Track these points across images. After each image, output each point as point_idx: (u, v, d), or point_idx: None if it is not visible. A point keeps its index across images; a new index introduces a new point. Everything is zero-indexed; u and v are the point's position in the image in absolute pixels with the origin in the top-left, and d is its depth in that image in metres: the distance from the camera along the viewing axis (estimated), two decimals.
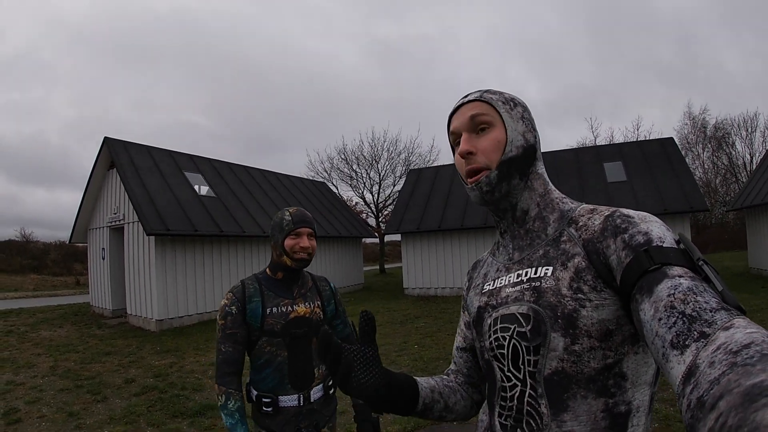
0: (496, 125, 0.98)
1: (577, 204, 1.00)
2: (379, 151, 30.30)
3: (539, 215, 1.00)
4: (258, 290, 2.07)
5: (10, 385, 6.60)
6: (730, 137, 34.82)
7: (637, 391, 0.86)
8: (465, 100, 1.02)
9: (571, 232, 0.94)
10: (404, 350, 7.86)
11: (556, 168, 16.07)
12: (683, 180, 14.16)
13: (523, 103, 1.04)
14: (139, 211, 11.00)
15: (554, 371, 0.87)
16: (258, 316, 2.02)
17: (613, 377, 0.85)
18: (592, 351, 0.84)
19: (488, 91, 1.02)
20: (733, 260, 21.20)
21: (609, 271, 0.84)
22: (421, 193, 17.83)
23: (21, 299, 18.98)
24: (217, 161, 16.28)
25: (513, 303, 0.95)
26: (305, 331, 2.08)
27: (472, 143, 0.99)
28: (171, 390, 6.15)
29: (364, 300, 15.48)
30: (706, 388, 0.50)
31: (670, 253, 0.74)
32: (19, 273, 27.39)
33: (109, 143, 12.57)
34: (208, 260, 12.49)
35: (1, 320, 12.23)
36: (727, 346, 0.53)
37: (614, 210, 0.90)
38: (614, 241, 0.84)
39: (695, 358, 0.57)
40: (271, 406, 2.01)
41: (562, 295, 0.87)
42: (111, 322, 12.24)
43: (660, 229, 0.81)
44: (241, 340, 2.00)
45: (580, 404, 0.85)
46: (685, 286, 0.67)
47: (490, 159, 0.97)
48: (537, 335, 0.89)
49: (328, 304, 2.22)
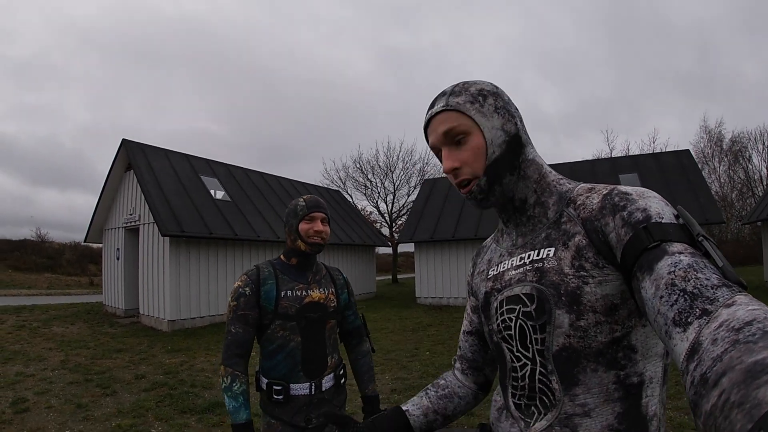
0: (471, 132, 0.95)
1: (575, 184, 0.99)
2: (395, 161, 30.40)
3: (538, 201, 0.99)
4: (273, 273, 2.05)
5: (19, 376, 6.64)
6: (746, 151, 34.36)
7: (649, 363, 0.86)
8: (433, 111, 0.98)
9: (570, 212, 0.93)
10: (416, 356, 7.80)
11: (573, 178, 15.76)
12: (699, 192, 14.00)
13: (494, 89, 0.99)
14: (154, 213, 11.09)
15: (562, 347, 0.87)
16: (272, 298, 1.99)
17: (623, 350, 0.85)
18: (598, 326, 0.84)
19: (453, 92, 0.97)
20: (748, 275, 20.83)
21: (609, 249, 0.83)
22: (435, 203, 17.78)
23: (34, 296, 19.17)
24: (233, 166, 16.41)
25: (516, 284, 0.95)
26: (320, 315, 2.05)
27: (453, 158, 0.96)
28: (181, 387, 6.14)
29: (376, 308, 15.42)
30: (709, 365, 0.50)
31: (670, 229, 0.74)
32: (33, 272, 27.72)
33: (127, 145, 12.72)
34: (221, 263, 12.53)
35: (14, 315, 12.34)
36: (729, 323, 0.53)
37: (612, 188, 0.89)
38: (613, 219, 0.83)
39: (698, 335, 0.57)
40: (282, 394, 1.97)
41: (564, 274, 0.87)
42: (123, 321, 12.31)
43: (659, 205, 0.80)
44: (252, 323, 1.97)
45: (591, 377, 0.85)
46: (686, 263, 0.67)
47: (475, 168, 0.95)
48: (542, 314, 0.89)
49: (341, 292, 2.21)
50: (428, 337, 9.65)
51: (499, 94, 0.99)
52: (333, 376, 2.09)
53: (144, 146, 13.25)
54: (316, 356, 2.03)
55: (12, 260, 28.24)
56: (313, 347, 2.03)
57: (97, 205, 13.95)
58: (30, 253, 29.60)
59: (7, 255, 28.61)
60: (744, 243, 32.48)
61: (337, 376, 2.12)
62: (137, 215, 12.49)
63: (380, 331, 10.52)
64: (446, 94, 0.98)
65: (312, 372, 2.01)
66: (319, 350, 2.04)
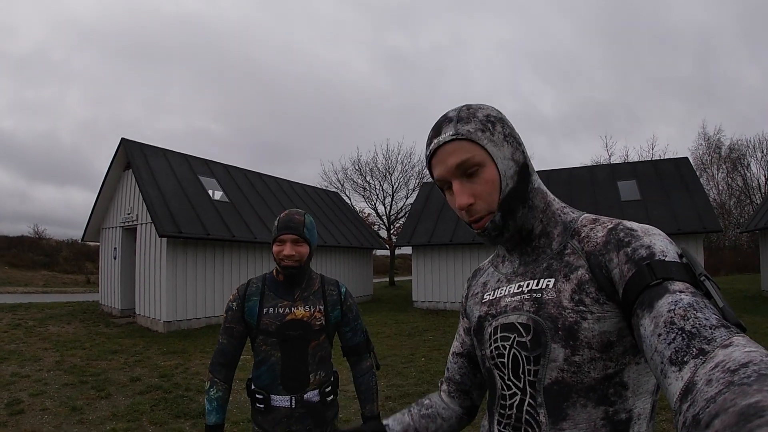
0: (485, 164, 0.90)
1: (579, 213, 0.99)
2: (393, 164, 30.37)
3: (543, 231, 0.98)
4: (259, 289, 2.12)
5: (14, 377, 6.63)
6: (745, 158, 34.49)
7: (638, 400, 0.85)
8: (441, 140, 0.91)
9: (574, 244, 0.92)
10: (411, 362, 7.80)
11: (570, 185, 16.02)
12: (697, 200, 14.03)
13: (499, 115, 0.95)
14: (152, 213, 11.08)
15: (554, 381, 0.87)
16: (254, 314, 2.07)
17: (614, 386, 0.84)
18: (592, 362, 0.84)
19: (460, 119, 0.91)
20: (745, 283, 20.89)
21: (611, 285, 0.83)
22: (433, 206, 17.77)
23: (31, 294, 19.15)
24: (232, 167, 16.39)
25: (512, 312, 0.95)
26: (300, 333, 2.06)
27: (467, 193, 0.91)
28: (175, 390, 6.13)
29: (373, 311, 15.41)
30: (702, 406, 0.50)
31: (672, 268, 0.73)
32: (30, 269, 27.70)
33: (126, 145, 12.71)
34: (218, 264, 12.52)
35: (10, 314, 12.31)
36: (725, 364, 0.53)
37: (617, 222, 0.89)
38: (617, 255, 0.82)
39: (693, 375, 0.57)
40: (263, 403, 2.06)
41: (563, 307, 0.86)
42: (119, 321, 12.28)
43: (663, 243, 0.80)
44: (237, 335, 2.10)
45: (580, 412, 0.85)
46: (686, 302, 0.66)
47: (489, 203, 0.91)
48: (537, 346, 0.88)
49: (332, 309, 2.16)
50: (424, 342, 9.66)
51: (505, 120, 0.95)
52: (318, 393, 2.10)
53: (143, 146, 13.23)
54: (297, 372, 2.06)
55: (9, 257, 28.23)
56: (293, 364, 2.06)
57: (95, 203, 13.93)
58: (27, 250, 29.59)
59: (4, 252, 28.59)
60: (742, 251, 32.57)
61: (322, 393, 2.12)
62: (135, 215, 12.48)
63: (376, 335, 10.52)
64: (452, 120, 0.92)
65: (291, 387, 2.06)
66: (300, 367, 2.06)
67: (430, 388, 6.12)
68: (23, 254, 28.82)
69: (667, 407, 4.89)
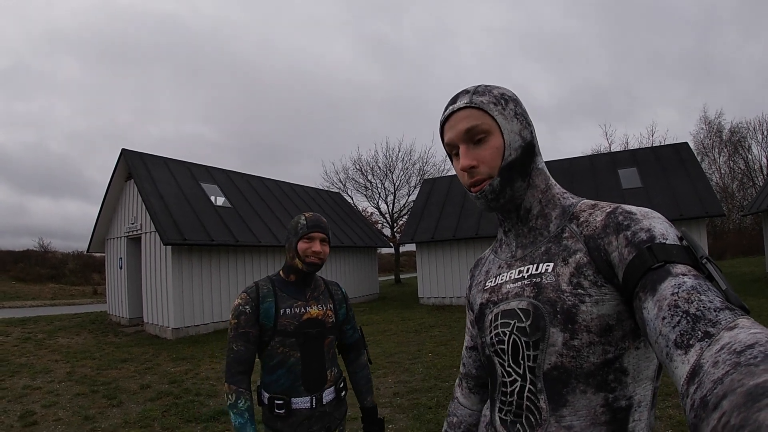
0: (492, 132, 0.96)
1: (578, 199, 1.00)
2: (394, 161, 30.37)
3: (541, 212, 1.00)
4: (272, 291, 2.09)
5: (26, 389, 6.70)
6: (746, 141, 34.34)
7: (639, 386, 0.86)
8: (455, 107, 0.98)
9: (572, 228, 0.94)
10: (418, 358, 7.83)
11: (571, 175, 16.00)
12: (699, 185, 13.99)
13: (514, 96, 1.01)
14: (156, 222, 11.16)
15: (553, 366, 0.88)
16: (271, 316, 2.03)
17: (614, 372, 0.85)
18: (591, 346, 0.84)
19: (477, 91, 0.98)
20: (751, 266, 20.80)
21: (610, 268, 0.84)
22: (435, 202, 17.81)
23: (39, 307, 19.26)
24: (233, 172, 16.47)
25: (513, 299, 0.96)
26: (318, 331, 2.09)
27: (472, 156, 0.97)
28: (186, 396, 6.19)
29: (380, 309, 15.46)
30: (709, 387, 0.50)
31: (674, 251, 0.74)
32: (37, 282, 27.81)
33: (126, 155, 12.79)
34: (224, 270, 12.60)
35: (19, 327, 12.41)
36: (731, 346, 0.53)
37: (616, 206, 0.90)
38: (616, 238, 0.83)
39: (699, 357, 0.57)
40: (283, 408, 2.01)
41: (561, 291, 0.87)
42: (128, 330, 12.38)
43: (663, 226, 0.81)
44: (253, 340, 2.01)
45: (579, 399, 0.86)
46: (689, 285, 0.67)
47: (491, 167, 0.96)
48: (536, 330, 0.89)
49: (339, 307, 2.24)
50: (431, 338, 9.69)
51: (518, 101, 1.01)
52: (334, 389, 2.13)
53: (143, 155, 13.31)
54: (316, 371, 2.08)
55: (16, 271, 28.32)
56: (312, 362, 2.07)
57: (98, 214, 14.03)
58: (33, 263, 29.67)
59: (11, 266, 28.69)
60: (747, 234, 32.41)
61: (337, 389, 2.16)
62: (139, 224, 12.56)
63: (383, 333, 10.57)
64: (469, 92, 0.99)
65: (312, 386, 2.06)
66: (318, 365, 2.09)
67: (437, 383, 6.16)
68: (30, 268, 28.93)
69: (674, 393, 4.92)
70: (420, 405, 5.31)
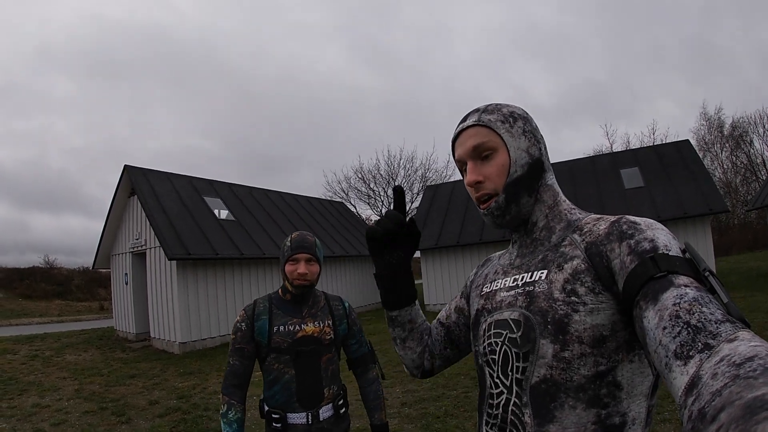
0: (498, 149, 0.98)
1: (585, 214, 1.01)
2: (396, 169, 30.48)
3: (546, 225, 1.01)
4: (267, 308, 2.16)
5: (35, 408, 6.72)
6: (747, 135, 34.22)
7: (633, 402, 0.84)
8: (464, 125, 1.02)
9: (573, 238, 0.94)
10: None
11: (573, 176, 16.00)
12: (701, 182, 13.97)
13: (524, 114, 1.03)
14: (160, 237, 11.20)
15: (542, 379, 0.86)
16: (265, 333, 2.10)
17: (607, 386, 0.83)
18: (582, 358, 0.83)
19: (486, 110, 1.02)
20: (758, 260, 20.64)
21: (610, 275, 0.83)
22: (438, 208, 17.83)
23: (46, 324, 19.30)
24: (236, 185, 16.54)
25: (506, 308, 0.97)
26: (312, 348, 2.12)
27: (478, 172, 0.99)
28: (194, 411, 6.21)
29: (384, 318, 15.41)
30: (707, 399, 0.50)
31: (677, 262, 0.74)
32: (43, 299, 27.88)
33: (129, 171, 12.87)
34: (229, 283, 12.63)
35: (27, 345, 12.44)
36: (730, 358, 0.53)
37: (620, 216, 0.90)
38: (619, 246, 0.83)
39: (698, 369, 0.57)
40: (280, 422, 2.07)
41: (553, 299, 0.87)
42: (135, 345, 12.40)
43: (666, 237, 0.81)
44: (248, 355, 2.11)
45: (568, 415, 0.83)
46: (691, 296, 0.67)
47: (496, 184, 0.98)
48: (526, 342, 0.89)
49: (340, 323, 2.25)
50: None
51: (528, 119, 1.03)
52: (332, 407, 2.15)
53: (146, 171, 13.39)
54: (312, 388, 2.11)
55: (22, 288, 28.44)
56: (307, 380, 2.10)
57: (103, 231, 14.09)
58: (39, 280, 29.77)
59: (17, 284, 28.81)
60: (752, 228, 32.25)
61: (336, 407, 2.17)
62: (143, 240, 12.61)
63: (389, 342, 10.51)
64: (479, 111, 1.02)
65: (307, 403, 2.09)
66: (314, 382, 2.12)
67: (444, 392, 6.15)
68: (36, 285, 29.03)
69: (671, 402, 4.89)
70: (428, 414, 5.31)
